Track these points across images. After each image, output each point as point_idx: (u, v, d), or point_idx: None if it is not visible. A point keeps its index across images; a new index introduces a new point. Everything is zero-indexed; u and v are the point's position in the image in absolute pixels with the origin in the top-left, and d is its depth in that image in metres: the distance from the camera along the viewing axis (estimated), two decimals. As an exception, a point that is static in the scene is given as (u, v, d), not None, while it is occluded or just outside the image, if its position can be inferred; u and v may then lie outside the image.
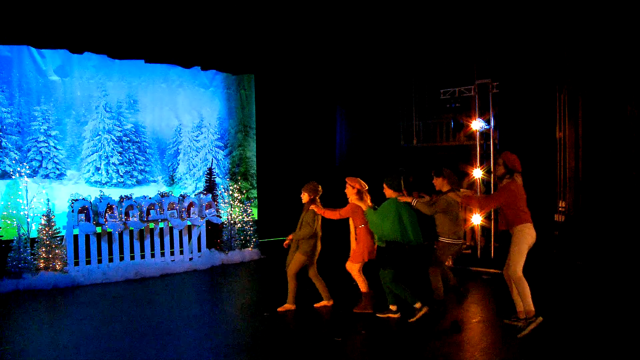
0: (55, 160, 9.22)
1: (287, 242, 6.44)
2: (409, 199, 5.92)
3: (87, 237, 8.30)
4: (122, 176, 9.98)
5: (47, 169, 9.11)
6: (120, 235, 8.62)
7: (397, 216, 5.78)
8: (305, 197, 6.29)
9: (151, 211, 8.83)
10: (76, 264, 8.17)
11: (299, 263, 6.24)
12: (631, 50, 8.18)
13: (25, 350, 5.16)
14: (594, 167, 8.68)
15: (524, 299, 5.32)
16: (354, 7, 9.59)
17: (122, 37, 9.03)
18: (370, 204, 6.15)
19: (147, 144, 10.40)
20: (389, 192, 5.97)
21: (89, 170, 9.63)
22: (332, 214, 6.22)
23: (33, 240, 7.96)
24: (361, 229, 6.24)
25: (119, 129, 9.96)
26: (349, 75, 11.79)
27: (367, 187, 6.24)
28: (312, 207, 6.19)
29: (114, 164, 9.87)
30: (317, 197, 6.30)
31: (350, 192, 6.19)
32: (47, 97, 9.12)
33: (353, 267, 6.29)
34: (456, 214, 6.12)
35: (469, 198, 5.89)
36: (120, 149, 9.94)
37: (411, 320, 5.82)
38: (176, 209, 9.12)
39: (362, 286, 6.31)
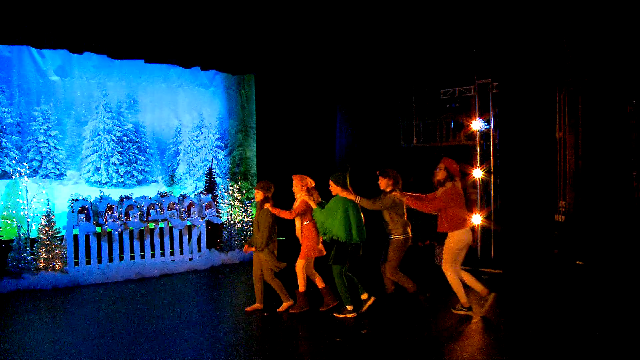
0: (55, 160, 9.22)
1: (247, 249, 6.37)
2: (352, 197, 5.92)
3: (87, 237, 8.31)
4: (122, 176, 9.98)
5: (47, 169, 9.11)
6: (120, 235, 8.63)
7: (345, 213, 5.81)
8: (259, 196, 6.22)
9: (151, 211, 8.83)
10: (76, 264, 8.19)
11: (271, 265, 6.19)
12: (631, 51, 8.17)
13: (25, 350, 5.16)
14: (594, 167, 8.67)
15: (456, 290, 5.96)
16: (354, 8, 9.59)
17: (122, 37, 9.02)
18: (318, 199, 6.16)
19: (147, 144, 10.40)
20: (335, 189, 5.95)
21: (89, 170, 9.62)
22: (287, 214, 6.17)
23: (33, 240, 7.97)
24: (307, 225, 6.24)
25: (119, 129, 9.96)
26: (349, 76, 11.78)
27: (313, 184, 6.23)
28: (267, 205, 6.13)
29: (114, 164, 9.87)
30: (270, 196, 6.24)
31: (299, 190, 6.18)
32: (47, 97, 9.12)
33: (298, 264, 6.27)
34: (403, 212, 6.14)
35: (411, 199, 5.97)
36: (120, 149, 9.94)
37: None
38: (176, 209, 9.13)
39: (302, 285, 6.29)
